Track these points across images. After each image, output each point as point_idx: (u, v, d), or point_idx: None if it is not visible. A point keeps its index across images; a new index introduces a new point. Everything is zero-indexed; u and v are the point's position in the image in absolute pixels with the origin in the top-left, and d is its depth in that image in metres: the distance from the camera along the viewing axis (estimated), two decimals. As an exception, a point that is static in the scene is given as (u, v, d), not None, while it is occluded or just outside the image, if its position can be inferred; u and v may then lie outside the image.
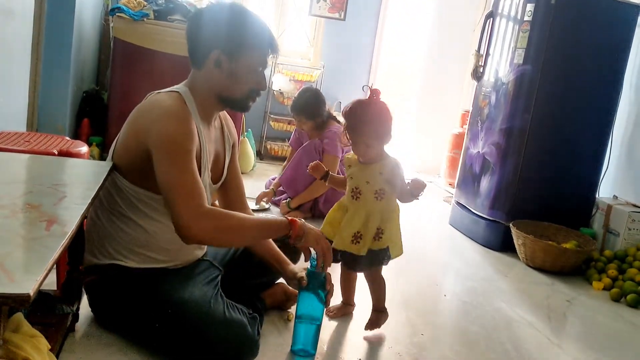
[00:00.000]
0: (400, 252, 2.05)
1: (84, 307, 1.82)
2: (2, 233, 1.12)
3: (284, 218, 1.76)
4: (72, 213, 1.27)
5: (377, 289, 2.11)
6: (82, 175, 1.70)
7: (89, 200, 1.38)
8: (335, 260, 1.95)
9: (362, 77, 5.32)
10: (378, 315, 2.11)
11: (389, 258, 2.02)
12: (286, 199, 3.50)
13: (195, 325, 1.62)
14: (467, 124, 3.90)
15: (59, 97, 3.50)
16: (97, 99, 4.07)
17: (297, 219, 1.75)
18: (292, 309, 2.07)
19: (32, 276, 0.94)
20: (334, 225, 2.02)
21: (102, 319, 1.80)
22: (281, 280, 2.06)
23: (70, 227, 1.18)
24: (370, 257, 1.98)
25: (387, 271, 2.81)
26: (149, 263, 1.74)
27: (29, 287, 0.90)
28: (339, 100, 5.20)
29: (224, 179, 1.95)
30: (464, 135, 4.05)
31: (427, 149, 5.61)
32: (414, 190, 1.93)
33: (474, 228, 3.57)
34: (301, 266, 1.98)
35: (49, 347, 1.32)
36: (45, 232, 1.14)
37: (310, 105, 3.50)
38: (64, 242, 1.10)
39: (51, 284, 1.93)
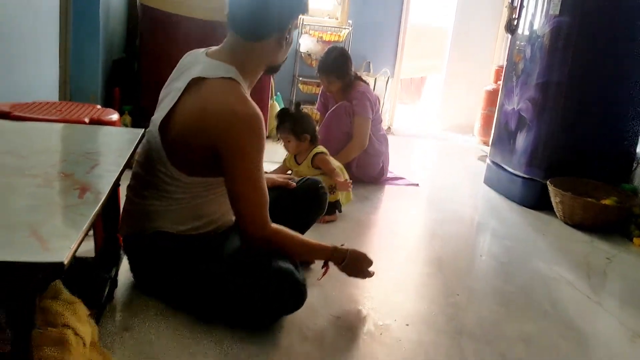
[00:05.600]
0: None
1: (122, 273, 1.85)
2: (36, 201, 1.12)
3: (329, 248, 1.85)
4: (104, 180, 1.28)
5: None
6: (114, 143, 1.70)
7: (121, 168, 1.39)
8: None
9: (391, 36, 5.20)
10: None
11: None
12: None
13: (248, 277, 1.65)
14: (502, 79, 3.79)
15: (89, 67, 3.50)
16: (127, 67, 4.08)
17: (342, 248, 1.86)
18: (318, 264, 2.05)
19: (66, 243, 0.95)
20: None
21: (142, 283, 1.82)
22: None
23: (103, 194, 1.19)
24: None
25: (421, 232, 2.77)
26: (194, 229, 1.74)
27: (62, 256, 0.91)
28: (367, 60, 5.10)
29: None
30: (497, 92, 3.95)
31: (459, 108, 5.50)
32: None
33: (510, 187, 3.50)
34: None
35: (88, 313, 1.34)
36: (78, 200, 1.14)
37: (339, 63, 3.41)
38: (97, 208, 1.11)
39: (89, 251, 1.96)
